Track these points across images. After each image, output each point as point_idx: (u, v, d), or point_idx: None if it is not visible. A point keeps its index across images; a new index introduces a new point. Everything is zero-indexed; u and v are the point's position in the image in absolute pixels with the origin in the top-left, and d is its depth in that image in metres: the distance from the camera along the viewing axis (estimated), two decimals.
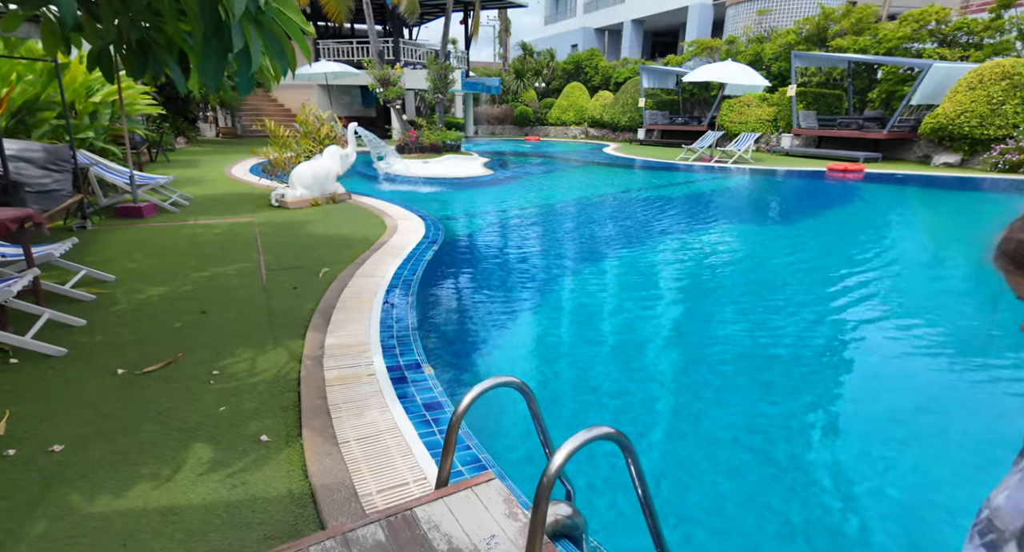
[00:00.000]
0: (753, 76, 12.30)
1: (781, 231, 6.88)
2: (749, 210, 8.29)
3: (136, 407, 2.30)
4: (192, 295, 3.69)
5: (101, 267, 4.11)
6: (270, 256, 4.70)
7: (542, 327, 3.75)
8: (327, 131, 7.54)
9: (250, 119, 20.93)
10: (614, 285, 4.71)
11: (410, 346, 2.93)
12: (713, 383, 2.98)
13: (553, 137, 25.33)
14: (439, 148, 13.08)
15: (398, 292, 3.79)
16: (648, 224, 7.07)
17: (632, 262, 5.38)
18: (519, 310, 3.99)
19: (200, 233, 5.51)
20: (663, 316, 3.98)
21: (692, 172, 12.15)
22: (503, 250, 5.64)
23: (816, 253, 5.87)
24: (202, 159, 12.47)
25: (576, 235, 6.43)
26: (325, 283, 3.97)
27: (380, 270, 4.26)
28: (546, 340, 3.56)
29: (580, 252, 5.65)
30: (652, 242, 6.13)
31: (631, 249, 5.84)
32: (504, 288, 4.47)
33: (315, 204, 7.02)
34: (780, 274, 5.04)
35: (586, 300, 4.29)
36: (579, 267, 5.13)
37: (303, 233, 5.58)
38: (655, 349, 3.43)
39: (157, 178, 6.80)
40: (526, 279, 4.72)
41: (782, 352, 3.37)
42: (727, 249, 5.94)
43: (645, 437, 2.46)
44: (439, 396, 2.40)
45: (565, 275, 4.89)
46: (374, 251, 4.86)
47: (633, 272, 5.11)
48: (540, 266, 5.09)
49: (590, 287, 4.62)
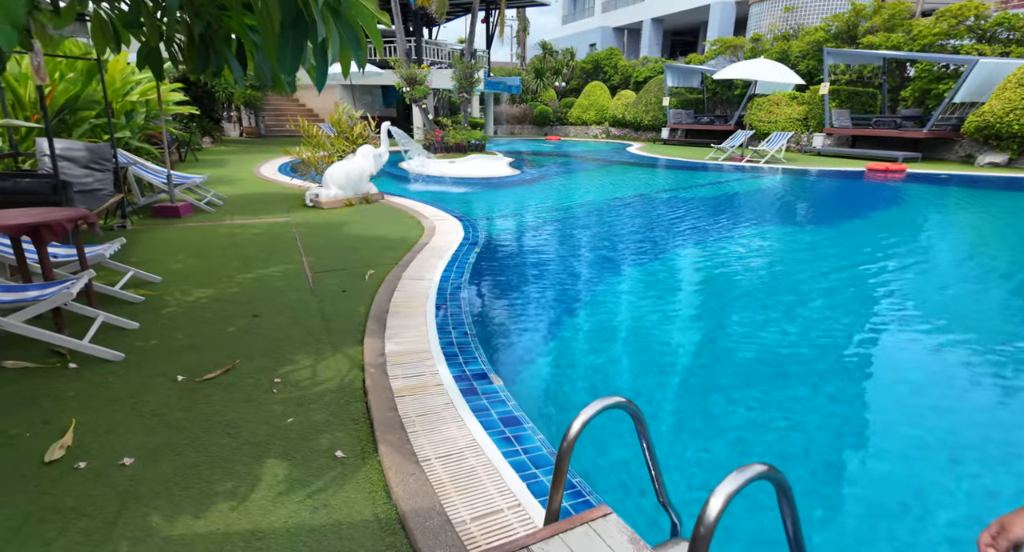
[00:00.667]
0: (787, 73, 11.99)
1: (836, 236, 6.61)
2: (794, 212, 8.02)
3: (202, 417, 2.21)
4: (240, 297, 3.62)
5: (146, 267, 4.06)
6: (312, 257, 4.61)
7: (599, 333, 3.60)
8: (360, 130, 7.46)
9: (273, 119, 21.08)
10: (667, 287, 4.54)
11: (472, 354, 2.81)
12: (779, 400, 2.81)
13: (573, 137, 25.14)
14: (464, 148, 12.98)
15: (449, 296, 3.67)
16: (694, 226, 6.87)
17: (686, 264, 5.20)
18: (575, 315, 3.84)
19: (238, 233, 5.46)
20: (732, 324, 3.81)
21: (725, 172, 11.87)
22: (547, 252, 5.50)
23: (880, 260, 5.63)
24: (229, 158, 12.54)
25: (616, 236, 6.27)
26: (373, 286, 3.87)
27: (427, 273, 4.14)
28: (606, 345, 3.41)
29: (623, 254, 5.48)
30: (703, 245, 5.94)
31: (681, 251, 5.66)
32: (555, 291, 4.33)
33: (349, 204, 6.95)
34: (851, 285, 4.82)
35: (640, 302, 4.14)
36: (626, 270, 4.97)
37: (341, 234, 5.50)
38: (731, 356, 3.26)
39: (193, 177, 6.78)
40: (576, 281, 4.58)
41: (880, 373, 3.18)
42: (781, 253, 5.73)
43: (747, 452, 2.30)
44: (514, 410, 2.27)
45: (612, 278, 4.73)
46: (416, 253, 4.75)
47: (689, 274, 4.93)
48: (587, 269, 4.94)
49: (641, 288, 4.46)
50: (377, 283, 3.93)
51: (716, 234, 6.37)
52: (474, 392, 2.39)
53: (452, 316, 3.33)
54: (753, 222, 7.14)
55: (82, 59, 5.88)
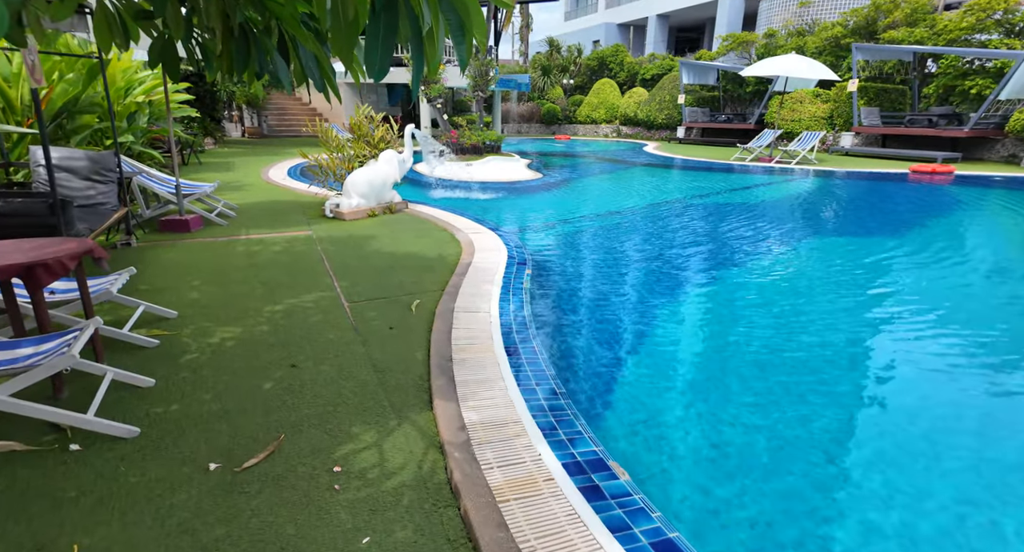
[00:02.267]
0: (821, 69, 11.43)
1: (914, 249, 6.05)
2: (855, 220, 7.43)
3: (249, 536, 1.66)
4: (272, 338, 3.07)
5: (158, 298, 3.51)
6: (345, 282, 4.06)
7: (709, 382, 3.05)
8: (382, 134, 6.90)
9: (276, 119, 20.48)
10: (764, 307, 3.99)
11: (574, 426, 2.26)
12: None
13: (582, 136, 24.57)
14: (480, 149, 12.41)
15: (517, 335, 3.12)
16: (757, 236, 6.33)
17: (782, 285, 4.65)
18: (678, 361, 3.28)
19: (257, 251, 4.91)
20: (842, 348, 3.27)
21: (758, 175, 11.31)
22: (609, 273, 4.94)
23: (965, 272, 5.10)
24: (234, 161, 11.96)
25: (675, 251, 5.72)
26: (423, 320, 3.33)
27: (482, 303, 3.59)
28: (739, 400, 2.85)
29: (692, 270, 4.94)
30: (773, 256, 5.39)
31: (759, 266, 5.11)
32: (644, 325, 3.76)
33: (372, 214, 6.39)
34: (943, 297, 4.29)
35: (741, 328, 3.59)
36: (701, 290, 4.43)
37: (371, 251, 4.95)
38: (844, 387, 2.72)
39: (203, 186, 6.22)
40: (659, 311, 4.02)
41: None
42: (853, 265, 5.19)
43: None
44: (666, 529, 1.70)
45: (692, 301, 4.18)
46: (461, 276, 4.20)
47: (778, 291, 4.38)
48: (662, 294, 4.38)
49: (729, 311, 3.91)
50: (427, 316, 3.39)
51: (788, 245, 5.82)
52: (598, 493, 1.84)
53: (529, 364, 2.78)
54: (818, 232, 6.55)
55: (84, 57, 5.30)
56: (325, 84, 2.17)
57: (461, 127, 12.79)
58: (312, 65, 2.18)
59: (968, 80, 14.08)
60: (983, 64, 14.58)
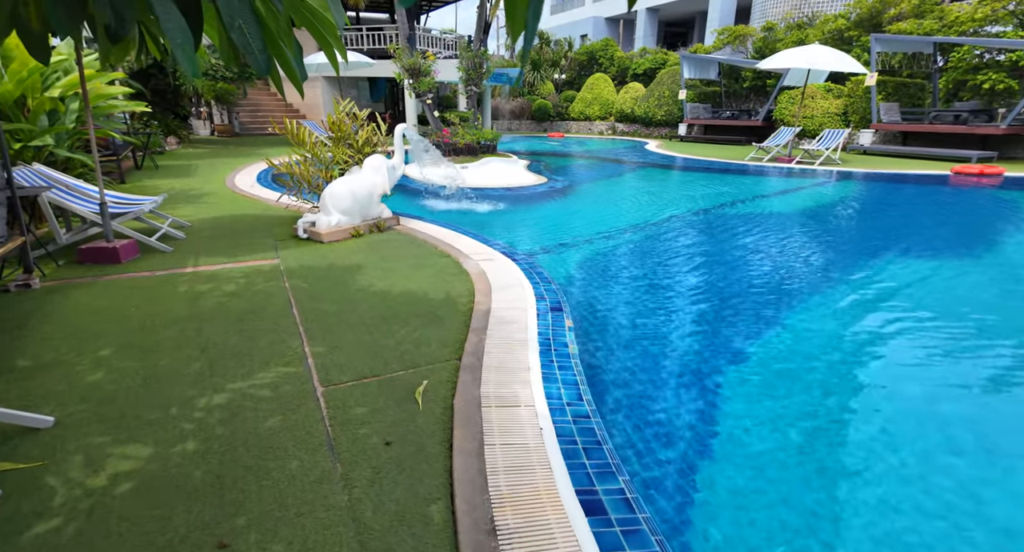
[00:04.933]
0: (848, 61, 10.47)
1: (1000, 267, 5.11)
2: (923, 233, 6.43)
3: None
4: (198, 473, 1.91)
5: (36, 384, 2.33)
6: (320, 345, 2.91)
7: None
8: (367, 136, 5.69)
9: (249, 116, 19.01)
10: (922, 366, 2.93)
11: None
12: None
13: (575, 133, 23.51)
14: (475, 149, 11.24)
15: (589, 459, 2.00)
16: (821, 254, 5.32)
17: (897, 326, 3.60)
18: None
19: (203, 292, 3.71)
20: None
21: (785, 178, 10.30)
22: (664, 314, 3.85)
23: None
24: (198, 164, 10.60)
25: (738, 277, 4.66)
26: (436, 423, 2.20)
27: (520, 388, 2.47)
28: None
29: (769, 306, 3.88)
30: (874, 286, 4.36)
31: (860, 297, 4.06)
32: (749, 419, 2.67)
33: (356, 234, 5.21)
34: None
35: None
36: (784, 339, 3.36)
37: (356, 291, 3.78)
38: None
39: (141, 202, 4.96)
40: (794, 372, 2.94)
41: None
42: (970, 293, 4.19)
43: None
44: None
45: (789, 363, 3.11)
46: (480, 332, 3.07)
47: (912, 337, 3.34)
48: (757, 352, 3.30)
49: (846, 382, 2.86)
50: (441, 416, 2.26)
51: (875, 270, 4.78)
52: None
53: (616, 518, 1.67)
54: (896, 250, 5.47)
55: None
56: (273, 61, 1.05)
57: (454, 125, 11.63)
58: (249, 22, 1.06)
59: (981, 74, 13.36)
60: (995, 57, 13.88)
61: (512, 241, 5.53)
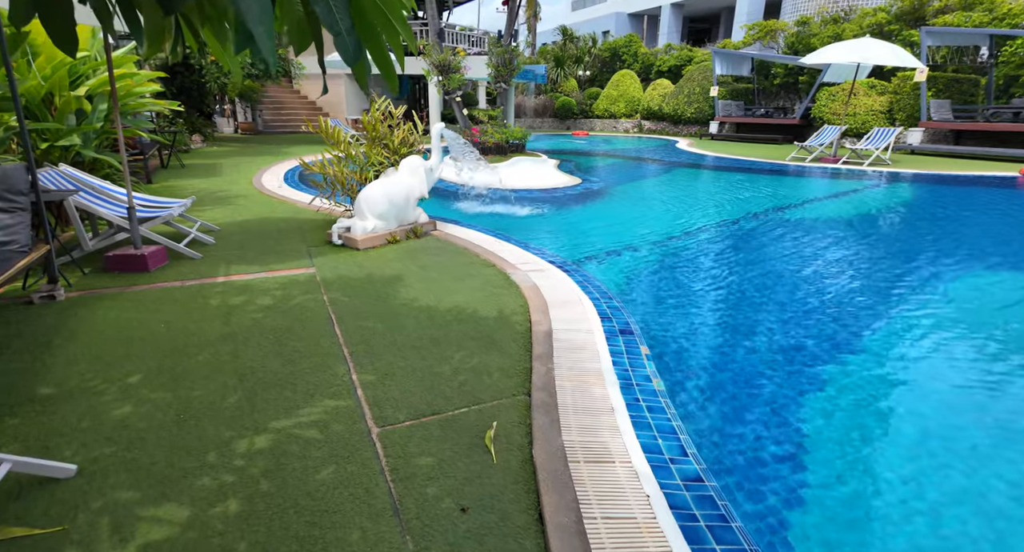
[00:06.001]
0: (904, 55, 9.85)
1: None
2: (994, 240, 5.94)
3: None
4: (242, 542, 1.59)
5: (58, 419, 2.05)
6: (369, 373, 2.59)
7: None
8: (403, 135, 5.37)
9: (272, 113, 18.92)
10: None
11: None
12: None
13: (600, 131, 23.02)
14: (504, 149, 10.88)
15: (711, 532, 1.64)
16: (919, 265, 4.86)
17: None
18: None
19: (238, 306, 3.42)
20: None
21: (833, 179, 9.75)
22: (755, 337, 3.46)
23: None
24: (223, 163, 10.44)
25: (826, 291, 4.24)
26: (516, 479, 1.85)
27: (609, 438, 2.11)
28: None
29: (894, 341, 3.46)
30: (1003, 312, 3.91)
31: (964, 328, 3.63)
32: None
33: (392, 240, 4.90)
34: None
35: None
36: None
37: (399, 305, 3.46)
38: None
39: (170, 205, 4.72)
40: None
41: None
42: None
43: None
44: None
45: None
46: (546, 361, 2.72)
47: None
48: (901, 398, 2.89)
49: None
50: (521, 470, 1.91)
51: (991, 291, 4.33)
52: None
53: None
54: (1001, 266, 5.03)
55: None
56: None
57: (482, 123, 11.29)
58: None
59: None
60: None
61: (557, 248, 5.17)
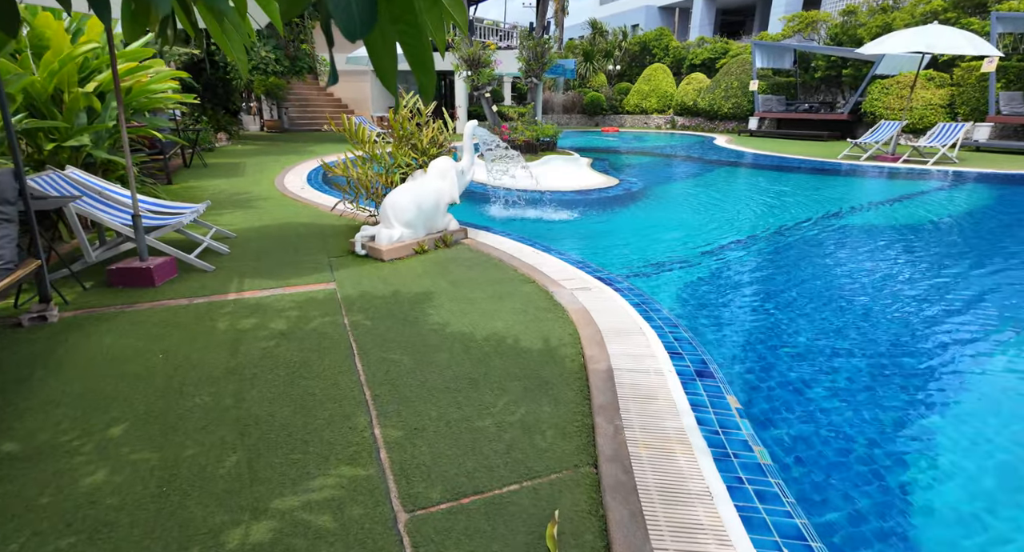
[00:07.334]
0: (980, 44, 8.94)
1: None
2: None
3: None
4: None
5: (10, 497, 1.62)
6: (395, 428, 2.11)
7: None
8: (432, 135, 4.91)
9: (298, 111, 18.76)
10: None
11: None
12: None
13: (630, 127, 22.26)
14: (535, 147, 10.37)
15: None
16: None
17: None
18: None
19: (248, 331, 3.00)
20: None
21: (893, 179, 8.95)
22: (871, 378, 2.89)
23: None
24: (247, 162, 10.18)
25: (927, 307, 3.62)
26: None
27: (713, 548, 1.59)
28: None
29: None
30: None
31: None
32: None
33: (420, 250, 4.44)
34: None
35: None
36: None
37: (430, 331, 2.99)
38: None
39: (181, 211, 4.35)
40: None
41: None
42: None
43: None
44: None
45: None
46: (611, 414, 2.20)
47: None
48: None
49: None
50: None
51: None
52: None
53: None
54: None
55: None
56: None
57: (512, 120, 10.79)
58: None
59: None
60: None
61: (601, 260, 4.64)
